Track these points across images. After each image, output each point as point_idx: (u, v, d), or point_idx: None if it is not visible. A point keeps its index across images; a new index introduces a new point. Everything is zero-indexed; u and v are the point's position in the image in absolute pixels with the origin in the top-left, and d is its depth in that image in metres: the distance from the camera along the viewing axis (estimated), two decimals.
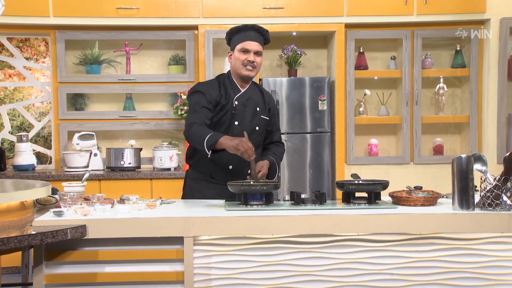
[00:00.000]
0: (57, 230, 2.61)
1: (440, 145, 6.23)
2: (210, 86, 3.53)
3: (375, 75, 6.20)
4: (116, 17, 5.69)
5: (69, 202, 2.96)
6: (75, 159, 5.68)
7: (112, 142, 6.11)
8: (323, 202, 3.10)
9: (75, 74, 6.02)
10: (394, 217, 2.86)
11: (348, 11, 5.83)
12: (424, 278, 2.89)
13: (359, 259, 2.91)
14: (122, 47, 6.03)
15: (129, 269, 2.85)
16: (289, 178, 5.89)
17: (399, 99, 6.17)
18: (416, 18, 5.88)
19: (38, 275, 2.79)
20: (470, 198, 2.86)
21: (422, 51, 6.08)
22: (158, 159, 5.64)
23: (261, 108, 3.61)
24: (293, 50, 5.94)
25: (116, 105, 6.11)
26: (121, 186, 5.42)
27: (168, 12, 5.73)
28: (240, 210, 2.97)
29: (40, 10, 5.62)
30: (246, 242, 2.89)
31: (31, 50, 6.22)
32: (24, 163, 5.74)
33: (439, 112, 6.21)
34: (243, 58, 3.45)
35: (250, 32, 3.47)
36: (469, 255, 2.89)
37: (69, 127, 5.91)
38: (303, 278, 2.90)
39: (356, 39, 6.01)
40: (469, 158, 2.85)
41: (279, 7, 5.79)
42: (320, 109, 5.85)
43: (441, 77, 6.17)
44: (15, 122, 6.25)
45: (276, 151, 3.71)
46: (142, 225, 2.79)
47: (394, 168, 6.05)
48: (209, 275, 2.88)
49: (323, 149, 5.90)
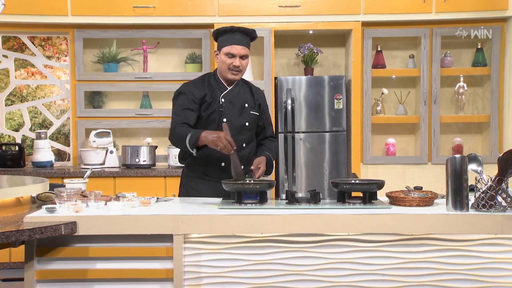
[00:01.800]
0: (46, 226, 2.64)
1: (460, 145, 6.12)
2: (193, 86, 3.56)
3: (392, 74, 6.12)
4: (133, 16, 5.74)
5: (64, 199, 3.00)
6: (91, 156, 5.76)
7: (129, 140, 6.18)
8: (317, 202, 3.07)
9: (93, 72, 6.10)
10: (386, 217, 2.82)
11: (365, 9, 5.77)
12: (416, 279, 2.85)
13: (350, 259, 2.88)
14: (139, 45, 6.09)
15: (120, 266, 2.87)
16: (306, 177, 5.85)
17: (417, 98, 6.09)
18: (434, 16, 5.79)
19: (29, 271, 2.83)
20: (464, 199, 2.80)
21: (442, 50, 5.98)
22: (173, 157, 5.68)
23: (250, 104, 3.62)
24: (310, 49, 5.90)
25: (133, 103, 6.17)
26: (135, 184, 5.48)
27: (184, 10, 5.76)
28: (232, 208, 2.97)
29: (59, 9, 5.70)
30: (237, 240, 2.88)
31: (53, 49, 6.31)
32: (43, 159, 5.85)
33: (459, 111, 6.10)
34: (229, 63, 3.46)
35: (236, 35, 3.46)
36: (462, 257, 2.83)
37: (86, 124, 5.99)
38: (294, 277, 2.88)
39: (374, 38, 5.95)
40: (463, 159, 2.80)
41: (295, 5, 5.77)
42: (336, 108, 5.81)
43: (461, 76, 6.06)
44: (37, 120, 6.35)
45: (270, 146, 3.73)
46: (131, 222, 2.80)
47: (411, 168, 5.97)
48: (199, 273, 2.88)
49: (339, 148, 5.85)
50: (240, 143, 3.53)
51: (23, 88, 6.32)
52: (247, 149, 3.59)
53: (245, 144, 3.58)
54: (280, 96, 5.78)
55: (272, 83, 5.83)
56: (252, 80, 5.90)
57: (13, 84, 6.24)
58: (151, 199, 3.12)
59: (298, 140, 5.81)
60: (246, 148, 3.58)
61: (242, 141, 3.55)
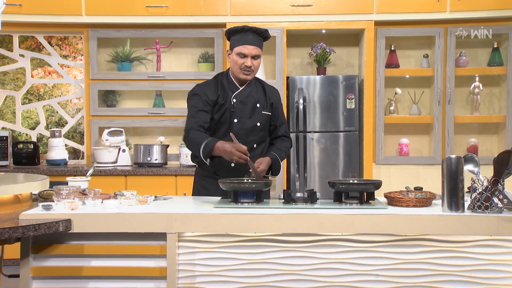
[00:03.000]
0: (40, 224, 2.67)
1: (475, 146, 6.04)
2: (207, 87, 3.55)
3: (406, 73, 6.06)
4: (146, 15, 5.78)
5: (63, 196, 3.03)
6: (104, 155, 5.81)
7: (141, 139, 6.22)
8: (313, 202, 3.06)
9: (106, 71, 6.16)
10: (381, 218, 2.79)
11: (378, 8, 5.72)
12: (411, 280, 2.82)
13: (344, 259, 2.86)
14: (153, 45, 6.13)
15: (115, 264, 2.89)
16: (318, 177, 5.83)
17: (431, 98, 6.02)
18: (449, 15, 5.72)
19: (24, 268, 2.87)
20: (460, 199, 2.77)
21: (457, 49, 5.91)
22: (184, 155, 5.70)
23: (262, 104, 3.60)
24: (322, 48, 5.88)
25: (146, 102, 6.21)
26: (147, 182, 5.52)
27: (196, 10, 5.78)
28: (227, 207, 2.97)
29: (73, 9, 5.77)
30: (231, 239, 2.88)
31: (70, 48, 6.38)
32: (57, 157, 5.92)
33: (474, 111, 6.02)
34: (241, 63, 3.45)
35: (248, 35, 3.45)
36: (457, 258, 2.80)
37: (100, 123, 6.05)
38: (288, 277, 2.88)
39: (387, 37, 5.90)
40: (459, 159, 2.76)
41: (307, 4, 5.75)
42: (348, 107, 5.78)
43: (477, 76, 5.98)
44: (53, 118, 6.43)
45: (281, 145, 3.68)
46: (125, 220, 2.82)
47: (424, 169, 5.90)
48: (193, 272, 2.89)
49: (351, 148, 5.82)
50: (251, 144, 3.52)
51: (40, 87, 6.41)
52: (259, 149, 3.57)
53: (256, 145, 3.56)
54: (292, 96, 5.77)
55: (284, 82, 5.81)
56: (264, 79, 5.88)
57: (29, 83, 6.33)
58: (148, 197, 3.14)
59: (310, 140, 5.79)
60: (257, 149, 3.56)
61: (253, 142, 3.54)
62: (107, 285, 2.89)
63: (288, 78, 5.86)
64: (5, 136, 5.87)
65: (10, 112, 6.37)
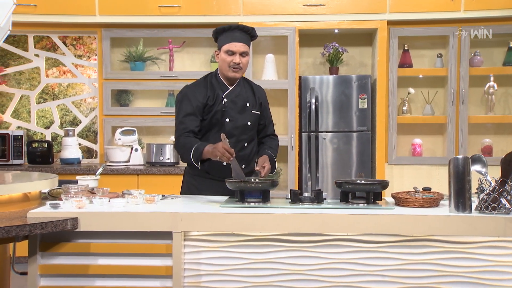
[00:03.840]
0: (46, 222, 2.69)
1: (489, 146, 5.98)
2: (196, 88, 3.55)
3: (419, 73, 6.02)
4: (159, 15, 5.81)
5: (71, 195, 3.06)
6: (116, 154, 5.85)
7: (154, 138, 6.25)
8: (320, 201, 3.05)
9: (120, 71, 6.19)
10: (387, 218, 2.78)
11: (391, 7, 5.70)
12: (417, 281, 2.80)
13: (350, 260, 2.85)
14: (165, 44, 6.15)
15: (121, 262, 2.90)
16: (330, 176, 5.81)
17: (445, 98, 5.98)
18: (463, 14, 5.68)
19: (32, 265, 2.89)
20: (467, 200, 2.74)
21: (472, 49, 5.86)
22: None
23: (251, 103, 3.62)
24: (335, 48, 5.86)
25: (159, 102, 6.24)
26: (158, 181, 5.54)
27: (209, 9, 5.79)
28: (233, 207, 2.97)
29: (87, 9, 5.81)
30: (236, 239, 2.88)
31: (84, 48, 6.43)
32: (70, 156, 5.97)
33: (488, 111, 5.97)
34: (229, 60, 3.46)
35: (235, 32, 3.46)
36: (464, 259, 2.77)
37: (113, 122, 6.08)
38: (293, 277, 2.87)
39: (400, 37, 5.88)
40: (466, 159, 2.74)
41: (320, 4, 5.74)
42: (360, 107, 5.76)
43: (491, 75, 5.92)
44: (68, 117, 6.48)
45: (272, 144, 3.73)
46: (132, 219, 2.83)
47: (438, 169, 5.86)
48: (199, 271, 2.89)
49: (364, 148, 5.80)
50: (242, 143, 3.54)
51: (54, 86, 6.46)
52: (248, 148, 3.59)
53: (247, 144, 3.58)
54: (304, 96, 5.76)
55: (297, 82, 5.81)
56: (276, 79, 5.91)
57: (44, 82, 6.39)
58: (155, 196, 3.15)
59: (322, 140, 5.77)
60: (247, 147, 3.58)
61: (244, 141, 3.56)
62: (113, 283, 2.90)
63: (301, 78, 5.85)
64: (20, 135, 5.92)
65: (25, 111, 6.43)
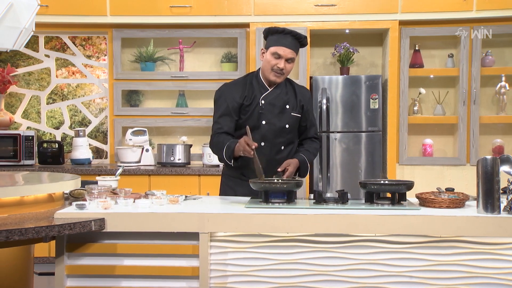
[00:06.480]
0: (75, 223, 2.68)
1: (500, 146, 5.98)
2: (234, 88, 3.54)
3: (430, 73, 6.02)
4: (170, 16, 5.80)
5: (94, 196, 3.05)
6: (127, 154, 5.84)
7: (164, 138, 6.24)
8: (345, 202, 3.05)
9: (130, 71, 6.19)
10: (414, 219, 2.77)
11: (403, 8, 5.70)
12: (445, 282, 2.80)
13: (377, 260, 2.84)
14: (176, 45, 6.15)
15: (147, 263, 2.89)
16: (341, 177, 5.82)
17: (456, 98, 5.98)
18: (475, 14, 5.68)
19: (59, 266, 2.88)
20: (495, 201, 2.74)
21: (483, 48, 5.86)
22: (207, 155, 5.71)
23: (292, 105, 3.56)
24: (346, 48, 5.86)
25: (170, 102, 6.23)
26: (170, 182, 5.53)
27: (220, 10, 5.79)
28: (258, 207, 2.96)
29: (98, 9, 5.80)
30: (263, 239, 2.88)
31: (93, 48, 6.41)
32: (81, 157, 5.96)
33: (500, 112, 5.97)
34: (274, 63, 3.41)
35: (287, 37, 3.40)
36: (492, 260, 2.77)
37: (123, 123, 6.07)
38: (319, 277, 2.86)
39: (411, 37, 5.87)
40: (494, 160, 2.73)
41: (331, 4, 5.73)
42: (371, 107, 5.76)
43: (503, 76, 5.92)
44: (77, 118, 6.46)
45: (310, 147, 3.66)
46: (158, 220, 2.83)
47: (449, 169, 5.86)
48: (225, 272, 2.89)
49: (375, 149, 5.79)
50: (279, 146, 3.52)
51: (64, 86, 6.45)
52: (286, 151, 3.56)
53: (284, 147, 3.55)
54: (315, 96, 5.75)
55: (308, 82, 5.80)
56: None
57: (54, 83, 6.38)
58: (179, 197, 3.14)
59: (333, 140, 5.77)
60: (284, 150, 3.55)
61: (281, 144, 3.53)
62: (139, 284, 2.89)
63: (311, 78, 5.85)
64: (32, 136, 5.91)
65: (35, 111, 6.42)
